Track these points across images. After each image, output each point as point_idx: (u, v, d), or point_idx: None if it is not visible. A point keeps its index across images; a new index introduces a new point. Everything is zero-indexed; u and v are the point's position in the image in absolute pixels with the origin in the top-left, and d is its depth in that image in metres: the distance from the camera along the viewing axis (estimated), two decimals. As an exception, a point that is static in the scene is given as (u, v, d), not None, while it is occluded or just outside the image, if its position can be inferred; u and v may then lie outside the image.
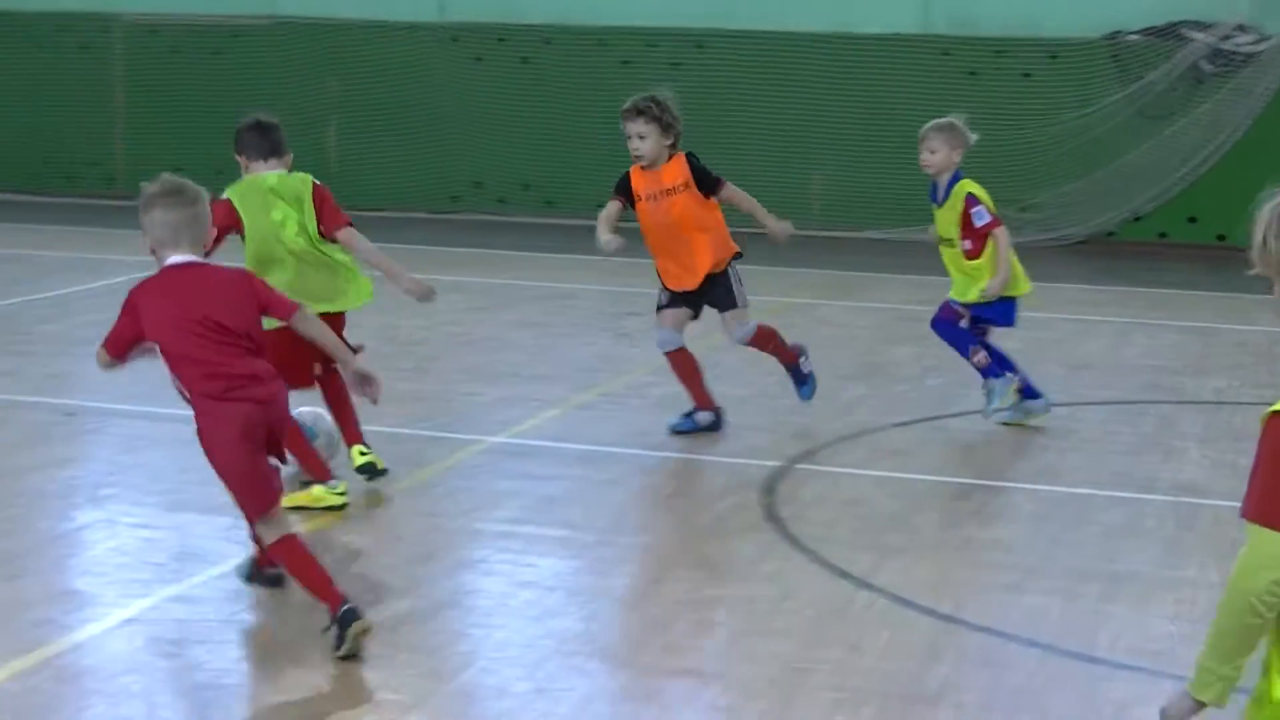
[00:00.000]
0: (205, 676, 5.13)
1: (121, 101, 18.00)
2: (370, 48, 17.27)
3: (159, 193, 5.54)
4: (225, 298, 5.46)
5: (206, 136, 17.43)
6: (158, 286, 5.47)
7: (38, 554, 6.44)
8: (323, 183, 7.34)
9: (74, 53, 17.91)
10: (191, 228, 5.50)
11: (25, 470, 7.52)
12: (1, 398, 8.80)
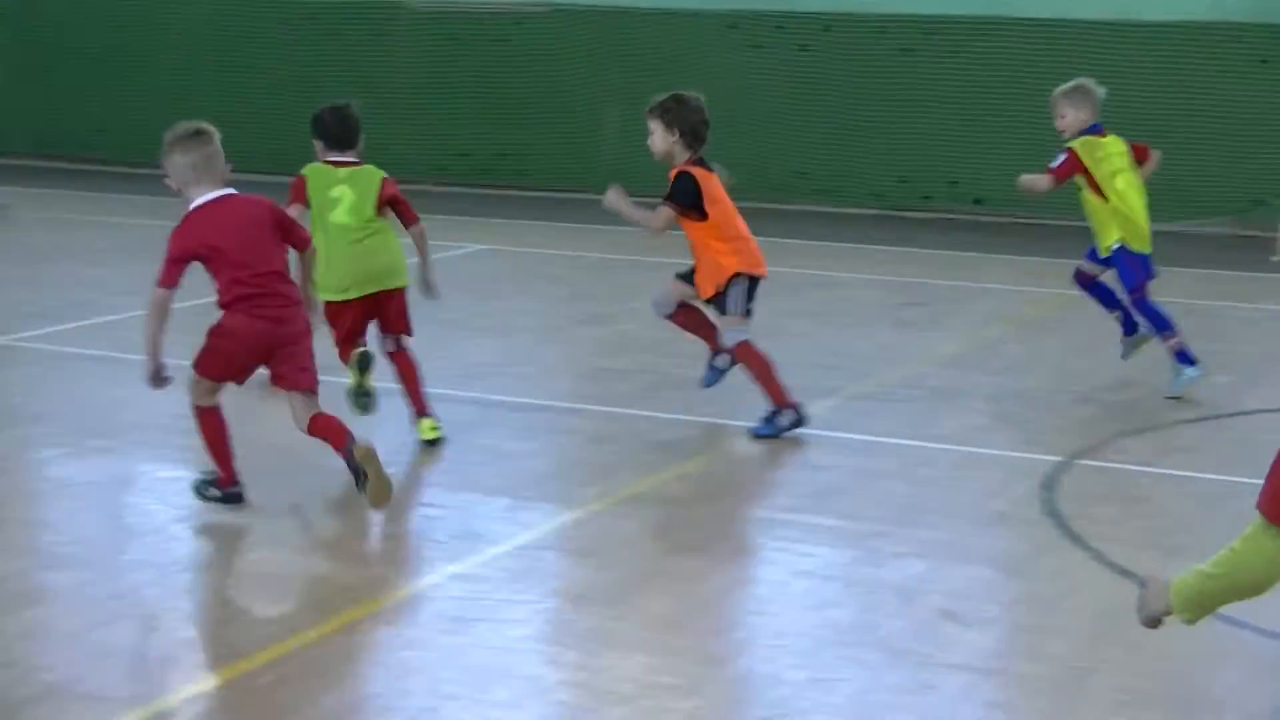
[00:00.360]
0: (484, 655, 5.23)
1: (403, 89, 18.40)
2: (650, 35, 17.40)
3: (176, 138, 6.40)
4: (251, 223, 6.42)
5: (488, 124, 17.82)
6: (193, 220, 6.37)
7: (330, 529, 6.65)
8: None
9: (367, 39, 18.38)
10: (209, 166, 6.39)
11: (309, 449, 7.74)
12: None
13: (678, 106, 7.93)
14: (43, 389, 8.76)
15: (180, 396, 6.68)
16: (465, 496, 7.02)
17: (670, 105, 7.95)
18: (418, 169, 18.15)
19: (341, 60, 18.20)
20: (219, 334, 6.50)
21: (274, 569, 6.02)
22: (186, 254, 6.34)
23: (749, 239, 8.10)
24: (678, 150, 7.96)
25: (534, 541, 6.37)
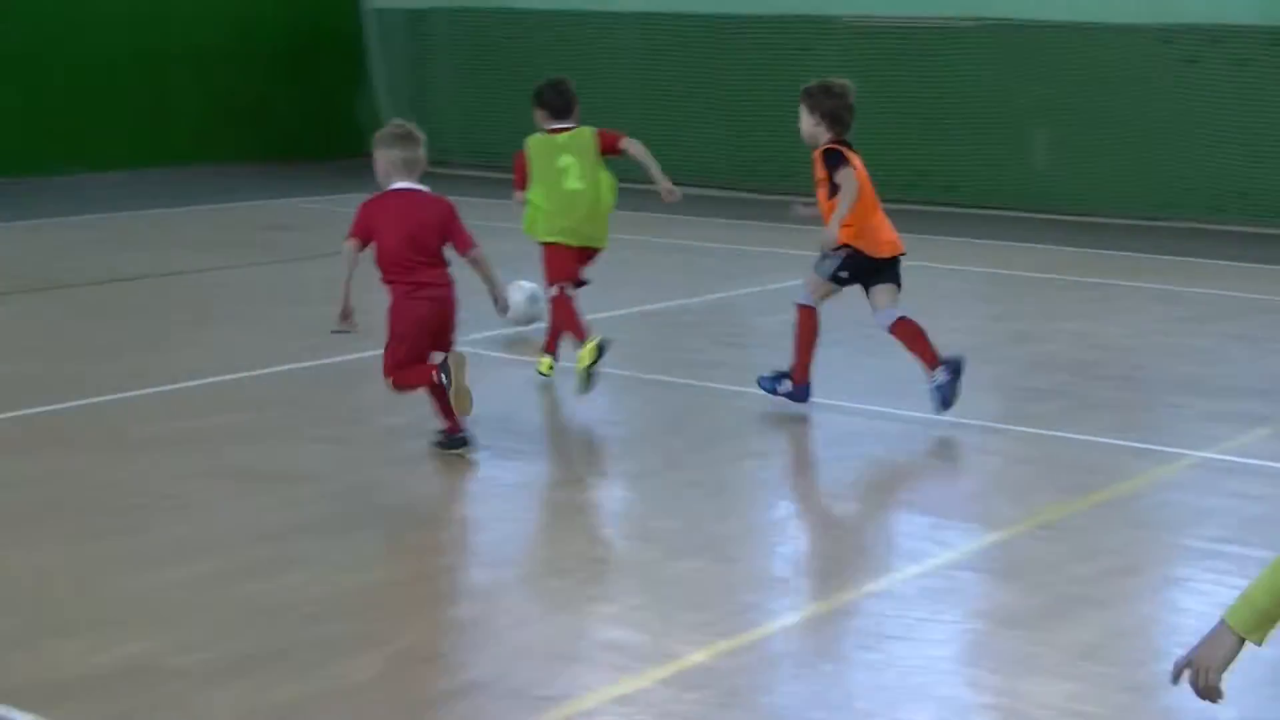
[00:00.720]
0: (901, 674, 5.18)
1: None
2: (1078, 50, 16.98)
3: (391, 135, 7.59)
4: (425, 218, 7.49)
5: (913, 139, 17.68)
6: (383, 202, 7.51)
7: (747, 540, 6.69)
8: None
9: (792, 54, 18.48)
10: (411, 164, 7.54)
11: (733, 458, 7.82)
12: (713, 386, 9.18)
13: (820, 93, 8.55)
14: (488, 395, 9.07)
15: (604, 409, 6.83)
16: (888, 514, 6.97)
17: (814, 91, 8.57)
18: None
19: (770, 73, 18.35)
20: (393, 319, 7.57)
21: (695, 576, 6.08)
22: (360, 226, 7.49)
23: (873, 222, 8.51)
24: (820, 132, 8.52)
25: (955, 561, 6.28)
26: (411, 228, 7.45)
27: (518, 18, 20.38)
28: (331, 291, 11.83)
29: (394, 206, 7.50)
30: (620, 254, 14.02)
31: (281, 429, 8.17)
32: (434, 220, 7.53)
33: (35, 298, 11.58)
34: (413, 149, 7.57)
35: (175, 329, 10.56)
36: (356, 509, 6.85)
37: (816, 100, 8.53)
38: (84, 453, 7.63)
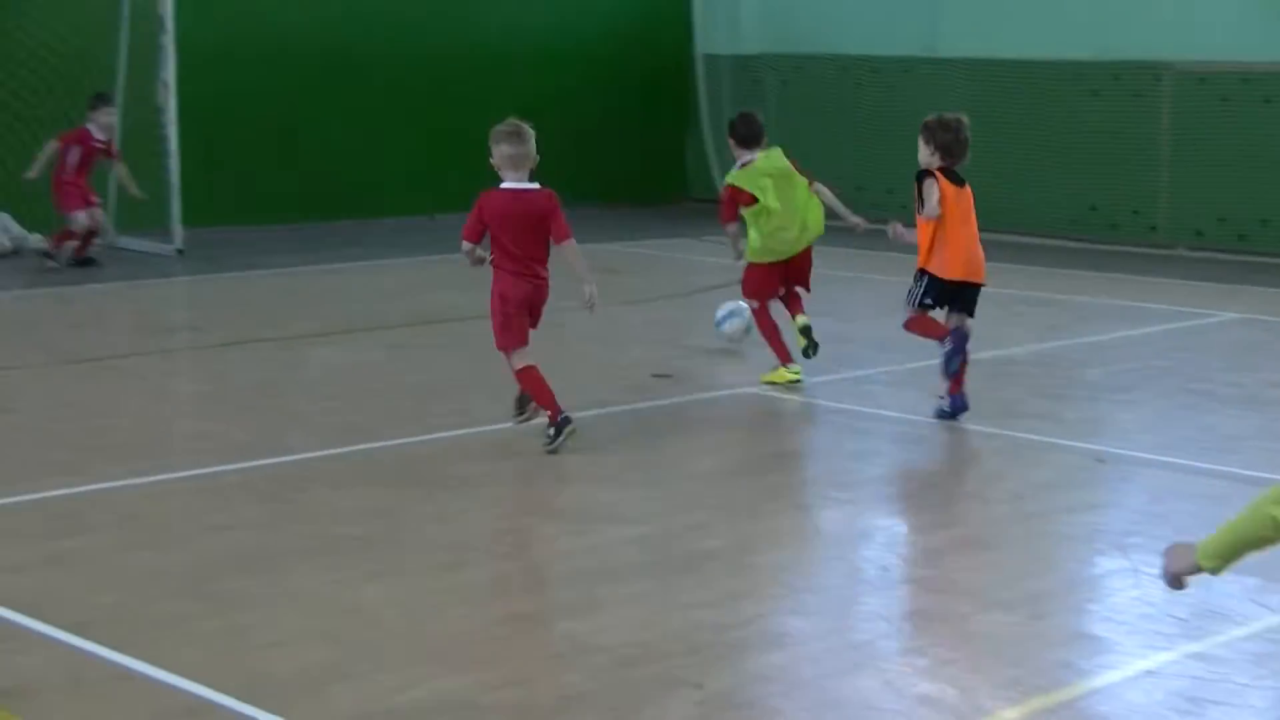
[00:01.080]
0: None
1: (1166, 150, 18.00)
2: None
3: (505, 132, 8.51)
4: (531, 212, 8.39)
5: (1252, 186, 17.13)
6: (496, 196, 8.40)
7: (1062, 596, 6.56)
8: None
9: (1126, 100, 18.12)
10: (522, 160, 8.43)
11: (1054, 512, 7.68)
12: (1036, 439, 9.04)
13: (938, 127, 9.33)
14: (793, 440, 9.10)
15: (926, 456, 6.78)
16: (1208, 573, 6.75)
17: (932, 125, 9.36)
18: (1174, 231, 17.75)
19: (1101, 120, 18.03)
20: (496, 299, 8.48)
21: (1007, 631, 5.98)
22: (477, 220, 8.40)
23: (958, 249, 9.29)
24: (934, 162, 9.33)
25: None
26: (517, 222, 8.39)
27: (846, 63, 20.42)
28: (654, 335, 12.14)
29: (501, 202, 8.41)
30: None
31: (598, 471, 8.30)
32: (536, 214, 8.43)
33: (365, 338, 12.01)
34: (519, 145, 8.46)
35: (497, 369, 10.84)
36: (670, 553, 6.92)
37: (933, 133, 9.34)
38: (406, 489, 7.88)
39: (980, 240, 9.48)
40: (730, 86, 21.53)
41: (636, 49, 21.61)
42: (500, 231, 8.42)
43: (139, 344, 11.67)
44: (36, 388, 10.15)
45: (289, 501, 7.68)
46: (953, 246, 9.32)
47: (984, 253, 9.50)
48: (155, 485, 7.88)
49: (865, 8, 20.44)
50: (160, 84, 16.34)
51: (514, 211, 8.40)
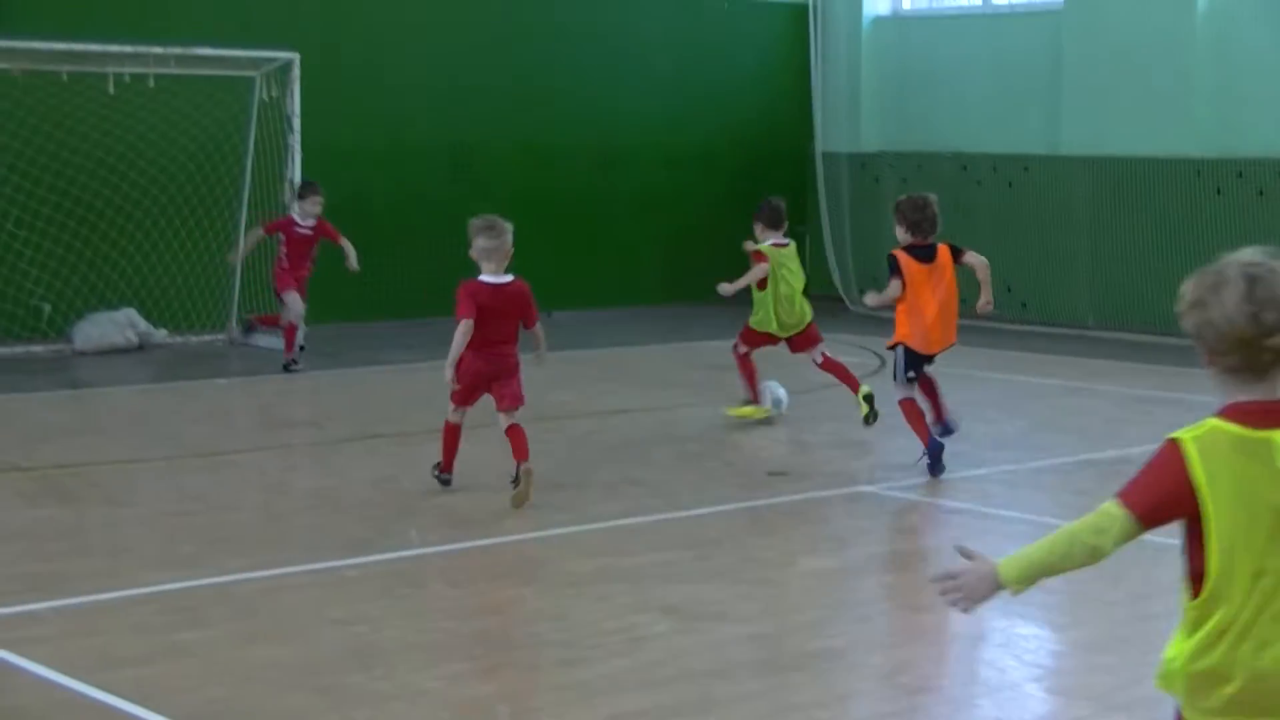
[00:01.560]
0: None
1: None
2: None
3: (482, 226, 9.32)
4: (508, 302, 9.32)
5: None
6: (479, 287, 9.29)
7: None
8: None
9: (1250, 197, 17.93)
10: (497, 252, 9.29)
11: (1175, 614, 7.53)
12: (1157, 540, 8.83)
13: (906, 205, 10.44)
14: (910, 539, 9.03)
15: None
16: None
17: (902, 204, 10.50)
18: None
19: (1225, 216, 17.88)
20: (462, 369, 9.32)
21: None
22: (471, 301, 9.19)
23: (927, 323, 10.30)
24: (906, 237, 10.36)
25: None
26: (496, 312, 9.28)
27: (966, 161, 20.41)
28: (770, 433, 12.12)
29: (484, 294, 9.29)
30: (1067, 401, 13.85)
31: (711, 569, 8.28)
32: (514, 304, 9.38)
33: (482, 433, 12.08)
34: (496, 239, 9.30)
35: (611, 467, 10.85)
36: (783, 651, 6.88)
37: (904, 212, 10.41)
38: (520, 585, 7.90)
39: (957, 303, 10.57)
40: (849, 184, 21.61)
41: (755, 146, 21.74)
42: (479, 318, 9.28)
43: (259, 439, 11.83)
44: (158, 482, 10.31)
45: (405, 597, 7.72)
46: (923, 321, 10.38)
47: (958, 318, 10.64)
48: (273, 579, 7.96)
49: (986, 106, 20.46)
50: (286, 182, 16.66)
51: (494, 303, 9.31)
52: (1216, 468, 3.55)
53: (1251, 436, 3.55)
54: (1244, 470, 3.54)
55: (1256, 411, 3.57)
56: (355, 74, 18.48)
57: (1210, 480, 3.55)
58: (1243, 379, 3.59)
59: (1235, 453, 3.55)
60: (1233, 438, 3.56)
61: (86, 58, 15.65)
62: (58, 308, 16.49)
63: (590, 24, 20.34)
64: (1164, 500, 3.66)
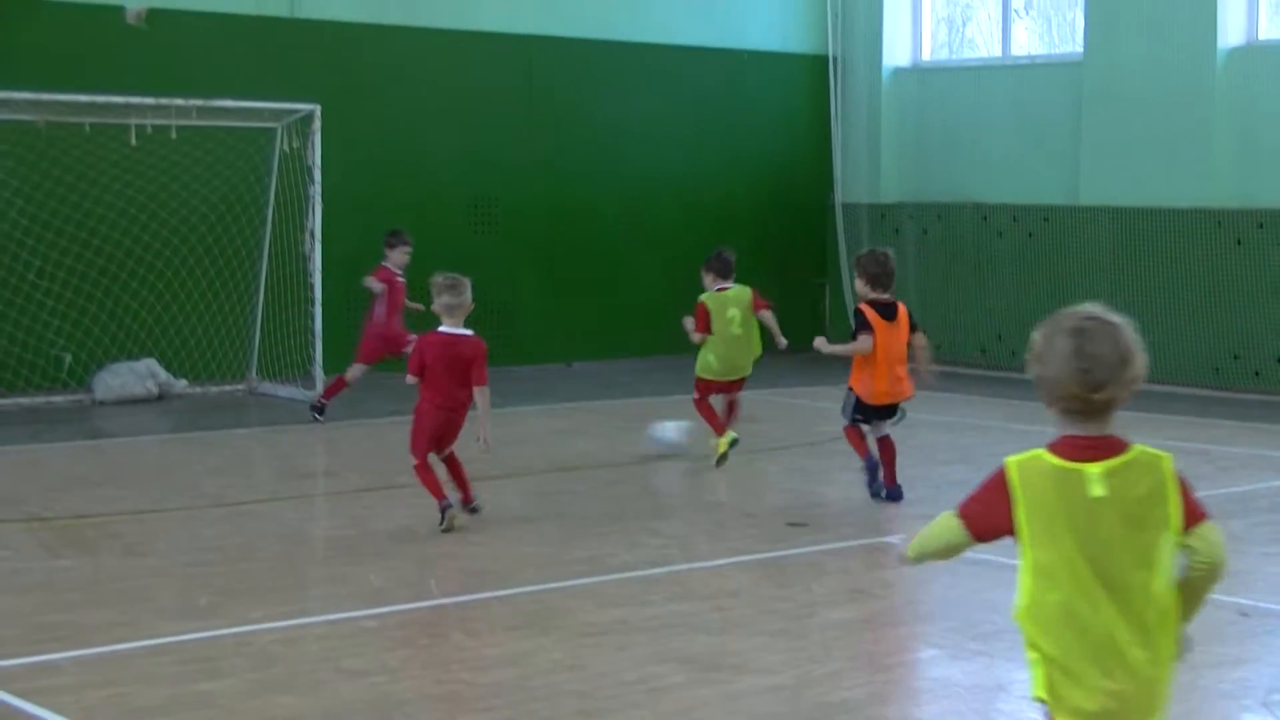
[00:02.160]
0: None
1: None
2: None
3: (445, 285, 9.97)
4: (459, 357, 9.84)
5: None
6: (434, 339, 9.95)
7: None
8: None
9: (1270, 247, 17.90)
10: (456, 309, 9.93)
11: (1197, 667, 7.48)
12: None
13: (866, 259, 10.89)
14: (930, 590, 9.00)
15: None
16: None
17: (862, 258, 10.92)
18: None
19: (1244, 266, 17.86)
20: (417, 419, 10.08)
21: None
22: (418, 359, 9.91)
23: (881, 378, 10.94)
24: (866, 291, 10.85)
25: None
26: (448, 364, 9.84)
27: (987, 211, 20.43)
28: (790, 483, 12.10)
29: (438, 346, 9.90)
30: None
31: (731, 620, 8.25)
32: (466, 358, 9.88)
33: (503, 484, 12.09)
34: (457, 296, 9.93)
35: (631, 517, 10.85)
36: (803, 703, 6.84)
37: (864, 266, 10.82)
38: (539, 636, 7.87)
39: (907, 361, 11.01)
40: (869, 235, 21.63)
41: (776, 197, 21.80)
42: (433, 369, 9.87)
43: (278, 489, 11.84)
44: (178, 532, 10.30)
45: (424, 647, 7.71)
46: (876, 376, 10.93)
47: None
48: (292, 629, 7.94)
49: (1006, 156, 20.49)
50: (307, 233, 16.71)
51: (447, 355, 9.88)
52: (1032, 493, 3.99)
53: (1066, 467, 3.98)
54: (1055, 497, 3.96)
55: (1080, 446, 3.99)
56: (376, 126, 18.58)
57: (1027, 503, 3.99)
58: (1076, 419, 4.00)
59: (1049, 481, 3.98)
60: (1050, 467, 4.00)
61: (109, 109, 15.75)
62: (78, 358, 16.55)
63: (610, 75, 20.43)
64: (990, 518, 4.09)
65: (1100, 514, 3.94)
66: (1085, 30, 19.58)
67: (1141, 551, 3.97)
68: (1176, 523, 4.01)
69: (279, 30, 17.93)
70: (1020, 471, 4.01)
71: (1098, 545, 3.94)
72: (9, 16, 16.28)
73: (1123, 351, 4.02)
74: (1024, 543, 4.00)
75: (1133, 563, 3.96)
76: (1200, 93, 18.42)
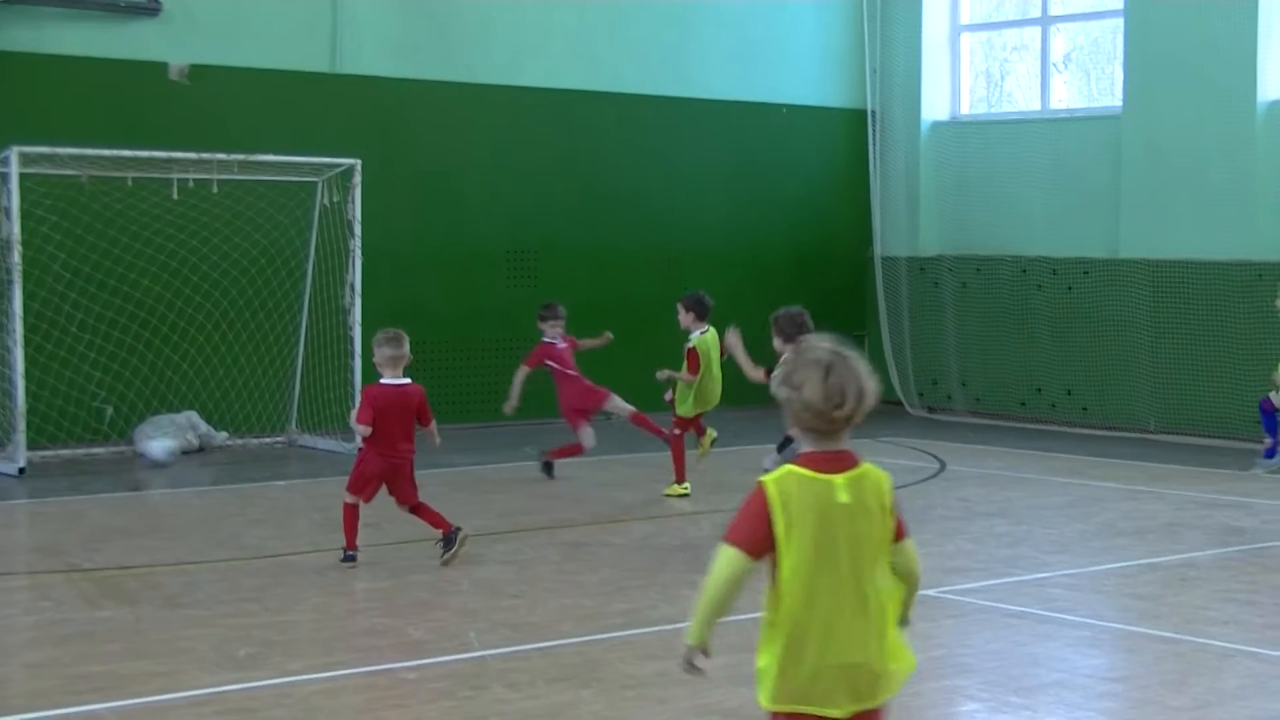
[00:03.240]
0: None
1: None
2: None
3: (388, 338, 10.60)
4: (406, 405, 10.52)
5: None
6: (379, 390, 10.54)
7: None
8: None
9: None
10: (397, 360, 10.54)
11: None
12: (1221, 645, 8.80)
13: (784, 319, 11.28)
14: (969, 642, 8.96)
15: (1106, 661, 6.61)
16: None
17: (779, 318, 11.33)
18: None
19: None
20: (362, 464, 10.67)
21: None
22: (368, 409, 10.42)
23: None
24: (785, 349, 10.85)
25: None
26: (396, 413, 10.45)
27: (1026, 264, 20.41)
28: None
29: (386, 396, 10.49)
30: (1128, 505, 13.72)
31: (772, 673, 8.21)
32: (412, 405, 10.54)
33: (541, 536, 12.08)
34: (399, 348, 10.54)
35: (671, 569, 10.84)
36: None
37: (781, 326, 11.26)
38: (579, 688, 7.86)
39: None
40: (908, 288, 21.62)
41: (815, 250, 21.83)
42: (381, 419, 10.45)
43: (318, 540, 11.86)
44: (218, 583, 10.33)
45: (465, 699, 7.70)
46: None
47: None
48: (332, 680, 7.95)
49: (1045, 209, 20.48)
50: (347, 286, 16.80)
51: (395, 404, 10.47)
52: (790, 502, 4.60)
53: (817, 478, 4.62)
54: (810, 504, 4.60)
55: (824, 460, 4.66)
56: (416, 180, 18.69)
57: (785, 514, 4.58)
58: (816, 437, 4.67)
59: (805, 490, 4.61)
60: (802, 479, 4.62)
61: (152, 164, 15.89)
62: (119, 410, 16.64)
63: (650, 129, 20.51)
64: (758, 533, 4.62)
65: (845, 517, 4.63)
66: (1124, 84, 19.59)
67: (874, 551, 4.68)
68: (889, 534, 4.73)
69: (320, 85, 18.07)
70: (778, 487, 4.62)
71: (844, 543, 4.63)
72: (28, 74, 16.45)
73: (861, 381, 4.70)
74: (781, 548, 4.62)
75: (868, 560, 4.66)
76: (1240, 145, 18.40)
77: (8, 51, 16.31)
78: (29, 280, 15.55)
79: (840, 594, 4.63)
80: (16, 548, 12.16)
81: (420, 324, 17.41)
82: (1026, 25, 21.49)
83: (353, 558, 10.73)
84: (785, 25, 21.67)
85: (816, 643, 4.64)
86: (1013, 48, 21.97)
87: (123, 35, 16.93)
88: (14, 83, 16.32)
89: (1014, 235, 20.73)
